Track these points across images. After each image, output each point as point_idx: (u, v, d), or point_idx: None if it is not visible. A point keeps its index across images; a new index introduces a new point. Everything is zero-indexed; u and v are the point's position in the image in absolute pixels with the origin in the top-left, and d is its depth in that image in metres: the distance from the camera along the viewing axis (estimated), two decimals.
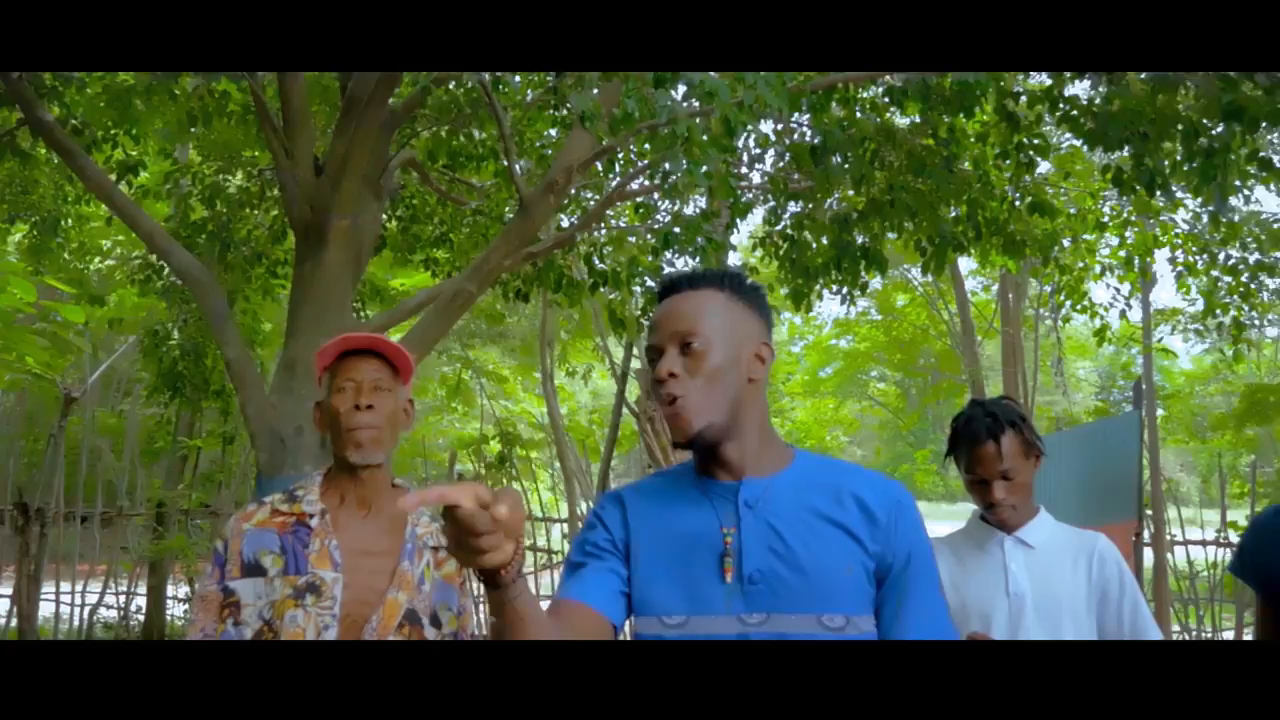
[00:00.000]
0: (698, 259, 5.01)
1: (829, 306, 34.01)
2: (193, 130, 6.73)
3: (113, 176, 6.00)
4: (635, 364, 9.32)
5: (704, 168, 3.70)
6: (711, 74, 3.77)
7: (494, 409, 18.76)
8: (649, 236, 5.99)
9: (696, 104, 4.10)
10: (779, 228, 6.39)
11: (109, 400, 15.32)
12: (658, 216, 6.20)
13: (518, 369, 19.20)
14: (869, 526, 1.62)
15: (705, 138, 3.69)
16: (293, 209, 4.84)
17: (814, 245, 6.32)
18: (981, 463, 2.42)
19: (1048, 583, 2.42)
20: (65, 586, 9.91)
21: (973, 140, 6.24)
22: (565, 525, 9.96)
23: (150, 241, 5.17)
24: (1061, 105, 5.50)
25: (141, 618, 10.10)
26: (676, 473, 1.77)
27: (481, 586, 1.42)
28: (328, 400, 2.17)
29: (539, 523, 9.63)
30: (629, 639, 1.74)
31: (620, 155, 6.42)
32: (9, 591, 9.41)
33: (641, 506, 1.71)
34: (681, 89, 4.28)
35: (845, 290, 6.39)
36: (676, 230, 4.91)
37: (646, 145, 5.22)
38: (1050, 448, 2.84)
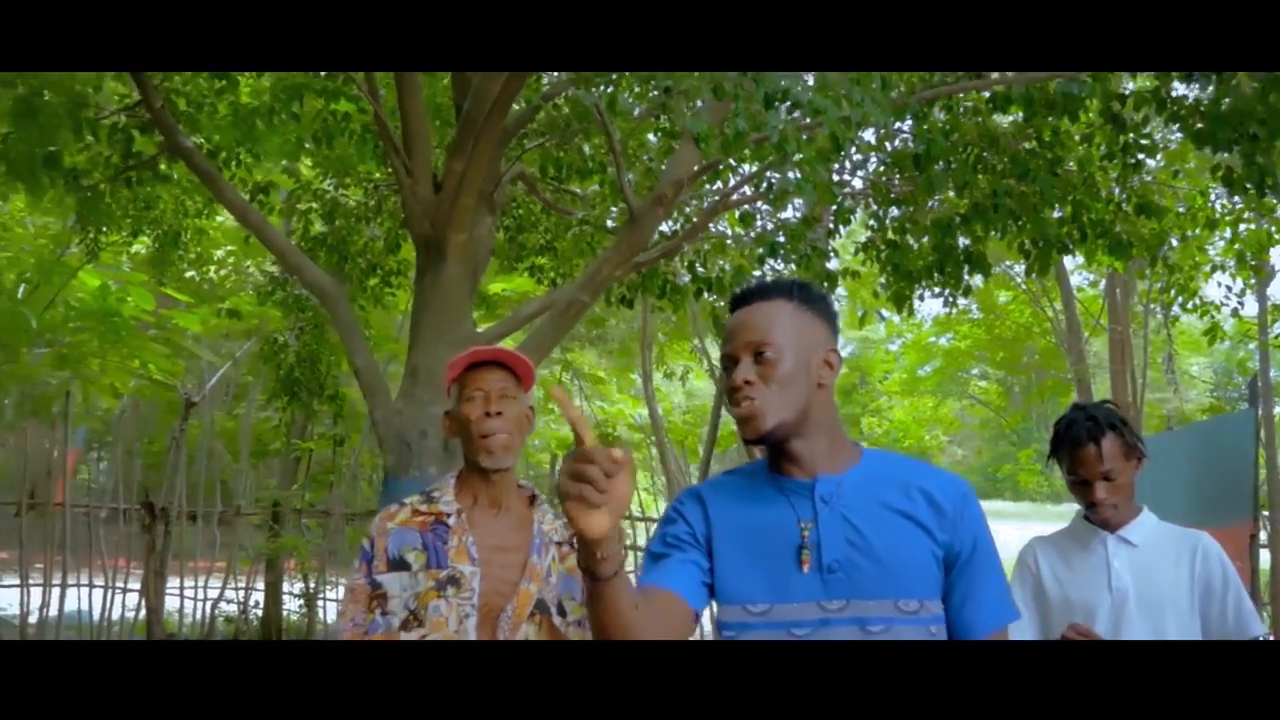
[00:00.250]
0: (801, 266, 5.08)
1: (929, 304, 33.38)
2: (307, 146, 7.04)
3: (245, 195, 6.34)
4: None
5: (809, 182, 3.78)
6: (806, 77, 3.86)
7: (591, 410, 19.00)
8: (749, 240, 6.08)
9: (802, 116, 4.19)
10: (881, 232, 6.41)
11: (222, 404, 15.96)
12: (759, 223, 6.29)
13: (614, 370, 19.41)
14: (936, 517, 1.73)
15: (812, 152, 3.78)
16: (414, 225, 5.07)
17: (915, 248, 6.34)
18: (1083, 464, 2.51)
19: (1150, 579, 2.49)
20: (189, 582, 10.37)
21: (1078, 140, 6.17)
22: None
23: (283, 258, 5.45)
24: (1169, 105, 5.43)
25: (259, 612, 10.50)
26: (749, 471, 1.88)
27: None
28: (458, 409, 2.33)
29: (638, 522, 9.75)
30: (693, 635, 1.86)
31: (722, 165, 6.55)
32: (137, 586, 9.88)
33: (720, 502, 1.82)
34: (787, 103, 4.35)
35: (947, 292, 6.38)
36: (780, 238, 4.99)
37: (747, 151, 5.33)
38: (1161, 447, 2.88)
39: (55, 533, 9.95)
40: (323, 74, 5.67)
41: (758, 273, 5.80)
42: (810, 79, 3.82)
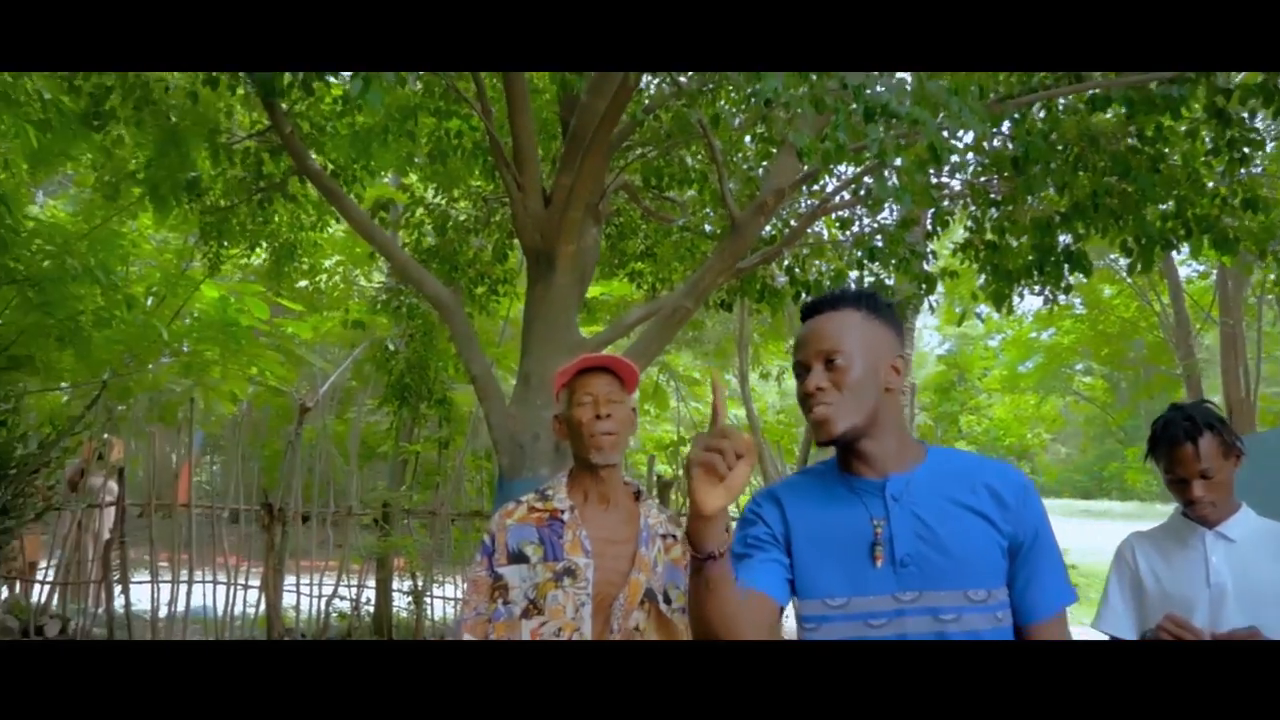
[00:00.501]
0: (899, 269, 5.14)
1: (1029, 301, 32.69)
2: (416, 161, 7.34)
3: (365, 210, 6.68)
4: None
5: (907, 190, 3.88)
6: (904, 77, 3.92)
7: (687, 412, 19.15)
8: (848, 244, 6.16)
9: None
10: (979, 233, 6.41)
11: (331, 409, 16.50)
12: (857, 226, 6.36)
13: (707, 371, 19.51)
14: (1000, 510, 1.85)
15: (911, 158, 3.87)
16: (524, 237, 5.30)
17: (1015, 247, 6.32)
18: (1180, 463, 2.59)
19: (1249, 575, 2.55)
20: (305, 580, 10.80)
21: (1182, 134, 6.08)
22: None
23: (405, 271, 5.74)
24: (1277, 97, 5.34)
25: (371, 609, 10.87)
26: (820, 471, 2.02)
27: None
28: (569, 412, 2.53)
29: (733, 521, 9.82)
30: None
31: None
32: (257, 583, 10.33)
33: (796, 503, 1.95)
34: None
35: (1047, 290, 6.36)
36: (878, 242, 5.07)
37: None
38: (1274, 444, 2.90)
39: (181, 532, 10.47)
40: (436, 93, 5.92)
41: (855, 274, 5.87)
42: (908, 86, 3.91)
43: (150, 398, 11.73)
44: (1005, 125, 5.88)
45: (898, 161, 3.85)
